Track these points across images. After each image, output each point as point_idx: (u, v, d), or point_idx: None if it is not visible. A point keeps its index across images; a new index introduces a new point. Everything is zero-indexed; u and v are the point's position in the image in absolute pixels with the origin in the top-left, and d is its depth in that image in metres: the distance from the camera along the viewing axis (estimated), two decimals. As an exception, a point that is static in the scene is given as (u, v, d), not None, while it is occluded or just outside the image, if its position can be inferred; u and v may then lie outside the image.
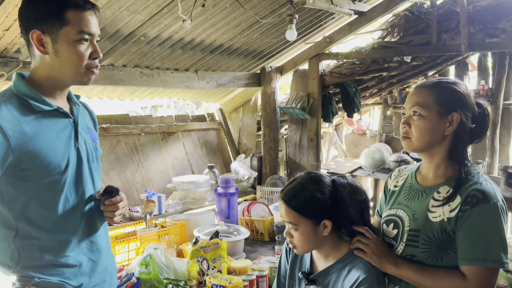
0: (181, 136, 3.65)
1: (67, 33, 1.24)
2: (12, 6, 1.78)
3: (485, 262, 1.21)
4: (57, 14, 1.23)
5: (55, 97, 1.32)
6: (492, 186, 1.28)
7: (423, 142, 1.35)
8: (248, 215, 2.98)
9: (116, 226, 2.48)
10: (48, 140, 1.24)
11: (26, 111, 1.22)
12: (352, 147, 5.65)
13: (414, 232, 1.34)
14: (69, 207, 1.30)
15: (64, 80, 1.31)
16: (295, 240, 1.43)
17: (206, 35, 2.87)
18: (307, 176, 1.45)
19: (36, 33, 1.24)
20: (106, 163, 3.00)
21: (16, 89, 1.25)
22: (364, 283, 1.31)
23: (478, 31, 3.14)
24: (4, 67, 2.16)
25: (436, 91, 1.34)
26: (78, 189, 1.33)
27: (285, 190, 1.46)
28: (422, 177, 1.42)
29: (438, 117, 1.32)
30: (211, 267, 2.10)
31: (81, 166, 1.33)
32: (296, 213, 1.41)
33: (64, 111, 1.31)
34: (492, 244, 1.21)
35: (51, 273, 1.27)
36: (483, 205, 1.22)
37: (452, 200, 1.28)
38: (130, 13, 2.28)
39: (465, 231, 1.24)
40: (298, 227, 1.41)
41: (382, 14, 3.28)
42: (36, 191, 1.24)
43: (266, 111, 3.81)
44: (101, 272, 1.40)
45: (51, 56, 1.26)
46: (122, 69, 2.74)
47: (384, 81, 4.31)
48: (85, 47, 1.28)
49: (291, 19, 2.74)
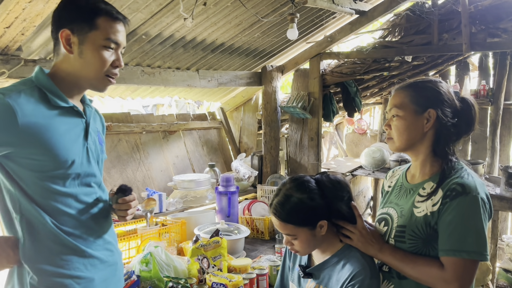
0: (182, 134, 3.65)
1: (94, 38, 1.29)
2: (13, 4, 1.78)
3: (460, 253, 1.23)
4: (88, 17, 1.28)
5: (72, 97, 1.35)
6: (474, 179, 1.30)
7: (403, 141, 1.39)
8: (248, 213, 2.99)
9: (117, 224, 2.48)
10: (59, 134, 1.27)
11: (43, 104, 1.25)
12: (353, 146, 5.65)
13: (401, 228, 1.38)
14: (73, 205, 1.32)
15: (82, 82, 1.34)
16: (296, 247, 1.45)
17: (208, 34, 2.87)
18: (291, 184, 1.44)
19: (65, 32, 1.28)
20: (107, 161, 3.00)
21: (38, 80, 1.28)
22: (357, 276, 1.34)
23: (480, 31, 3.14)
24: (5, 64, 2.16)
25: (411, 91, 1.40)
26: (83, 187, 1.35)
27: (273, 204, 1.44)
28: (411, 176, 1.46)
29: (414, 115, 1.37)
30: (211, 265, 2.10)
31: (89, 165, 1.36)
32: (291, 225, 1.41)
33: (78, 110, 1.35)
34: (467, 236, 1.23)
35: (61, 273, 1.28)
36: (462, 197, 1.25)
37: (434, 194, 1.31)
38: (131, 12, 2.28)
39: (443, 222, 1.27)
40: (296, 236, 1.42)
41: (383, 13, 3.28)
42: (43, 182, 1.26)
43: (267, 110, 3.82)
44: (110, 266, 1.42)
45: (75, 56, 1.30)
46: (124, 68, 2.73)
47: (385, 80, 4.31)
48: (110, 54, 1.32)
49: (293, 18, 2.74)
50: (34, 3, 1.74)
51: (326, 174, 1.49)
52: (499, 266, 3.70)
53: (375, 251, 1.40)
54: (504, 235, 4.10)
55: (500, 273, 3.64)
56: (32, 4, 1.76)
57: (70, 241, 1.29)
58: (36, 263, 1.25)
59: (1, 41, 2.06)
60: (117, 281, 1.48)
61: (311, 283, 1.49)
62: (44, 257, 1.26)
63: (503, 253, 3.96)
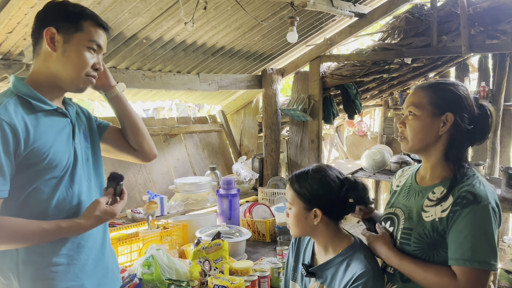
0: (183, 138, 3.66)
1: (79, 38, 1.32)
2: (15, 9, 1.80)
3: (471, 263, 1.22)
4: (75, 19, 1.32)
5: (53, 99, 1.35)
6: (485, 188, 1.28)
7: (417, 142, 1.37)
8: (249, 216, 2.99)
9: (119, 227, 2.49)
10: (52, 138, 1.28)
11: (28, 110, 1.26)
12: (353, 148, 5.66)
13: (407, 231, 1.37)
14: (63, 205, 1.32)
15: (62, 82, 1.34)
16: (289, 220, 1.51)
17: (208, 38, 2.89)
18: (316, 166, 1.51)
19: (50, 30, 1.30)
20: (108, 164, 3.01)
21: (16, 89, 1.29)
22: (360, 278, 1.34)
23: (479, 33, 3.15)
24: (8, 69, 2.18)
25: (431, 92, 1.37)
26: (74, 187, 1.35)
27: (295, 172, 1.53)
28: (421, 178, 1.44)
29: (432, 117, 1.34)
30: (213, 268, 2.11)
31: (76, 165, 1.36)
32: (293, 192, 1.48)
33: (63, 111, 1.36)
34: (478, 246, 1.22)
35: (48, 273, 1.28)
36: (473, 206, 1.23)
37: (444, 200, 1.30)
38: (132, 16, 2.30)
39: (454, 231, 1.25)
40: (292, 206, 1.48)
41: (383, 16, 3.30)
42: (36, 187, 1.26)
43: (267, 113, 3.83)
44: (101, 270, 1.42)
45: (58, 55, 1.31)
46: (125, 72, 2.76)
47: (384, 82, 4.33)
48: (91, 56, 1.35)
49: (292, 22, 2.75)
50: (35, 9, 1.76)
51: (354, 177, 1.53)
52: (501, 268, 3.70)
53: (387, 250, 1.39)
54: (506, 236, 4.10)
55: (501, 274, 3.64)
56: (34, 9, 1.78)
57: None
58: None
59: (3, 46, 2.07)
60: (112, 282, 1.48)
61: (314, 282, 1.49)
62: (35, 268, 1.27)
63: (504, 254, 3.96)
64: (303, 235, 1.56)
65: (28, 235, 1.22)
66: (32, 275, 1.26)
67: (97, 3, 2.07)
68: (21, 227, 1.21)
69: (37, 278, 1.26)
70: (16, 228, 1.20)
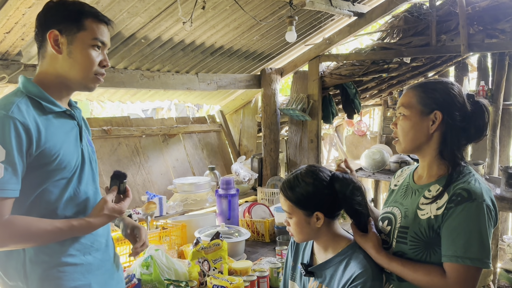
0: (182, 138, 3.66)
1: (83, 38, 1.32)
2: (13, 9, 1.79)
3: (463, 260, 1.22)
4: (76, 19, 1.31)
5: (61, 100, 1.36)
6: (481, 186, 1.28)
7: (409, 142, 1.38)
8: (249, 216, 2.99)
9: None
10: (61, 139, 1.29)
11: (39, 111, 1.26)
12: (353, 148, 5.66)
13: (403, 229, 1.37)
14: (71, 205, 1.33)
15: (71, 82, 1.35)
16: (291, 228, 1.49)
17: (207, 37, 2.88)
18: (305, 169, 1.49)
19: (53, 33, 1.29)
20: (107, 165, 3.01)
21: (26, 90, 1.29)
22: (359, 278, 1.34)
23: (478, 32, 3.15)
24: (5, 69, 2.17)
25: (420, 91, 1.37)
26: (81, 189, 1.36)
27: (284, 180, 1.51)
28: (418, 176, 1.45)
29: (420, 116, 1.35)
30: (212, 268, 2.10)
31: (84, 167, 1.37)
32: (290, 203, 1.45)
33: (71, 113, 1.37)
34: (471, 243, 1.22)
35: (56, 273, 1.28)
36: (467, 203, 1.24)
37: (439, 198, 1.30)
38: (130, 16, 2.29)
39: (447, 228, 1.26)
40: (292, 216, 1.46)
41: (382, 15, 3.30)
42: (45, 188, 1.27)
43: (266, 112, 3.82)
44: (107, 270, 1.43)
45: (64, 57, 1.31)
46: (123, 72, 2.76)
47: (384, 82, 4.32)
48: (97, 54, 1.35)
49: (291, 21, 2.75)
50: (33, 9, 1.75)
51: (346, 172, 1.51)
52: (500, 267, 3.70)
53: (375, 254, 1.39)
54: (505, 235, 4.10)
55: (501, 274, 3.64)
56: (31, 9, 1.78)
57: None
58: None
59: (1, 46, 2.07)
60: (116, 283, 1.49)
61: (313, 282, 1.49)
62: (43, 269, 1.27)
63: (504, 254, 3.96)
64: (309, 240, 1.54)
65: (41, 233, 1.22)
66: (40, 275, 1.26)
67: (95, 2, 2.06)
68: (33, 226, 1.21)
69: (45, 278, 1.26)
70: (28, 226, 1.20)
